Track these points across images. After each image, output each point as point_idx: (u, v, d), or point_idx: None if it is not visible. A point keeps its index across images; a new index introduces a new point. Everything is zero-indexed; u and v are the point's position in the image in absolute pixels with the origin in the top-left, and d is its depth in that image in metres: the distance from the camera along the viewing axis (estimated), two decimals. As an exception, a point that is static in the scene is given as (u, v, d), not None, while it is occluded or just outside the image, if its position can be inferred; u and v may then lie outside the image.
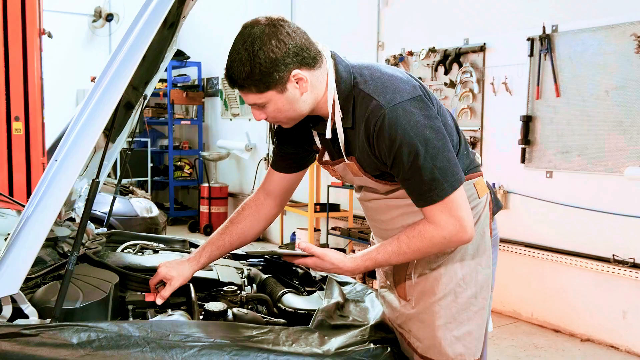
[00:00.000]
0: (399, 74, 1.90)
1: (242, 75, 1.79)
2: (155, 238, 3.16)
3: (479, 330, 2.00)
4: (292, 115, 1.92)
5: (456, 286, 1.98)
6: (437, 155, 1.79)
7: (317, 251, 1.99)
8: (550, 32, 5.05)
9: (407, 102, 1.79)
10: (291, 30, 1.80)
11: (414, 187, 1.86)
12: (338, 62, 1.90)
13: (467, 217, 1.85)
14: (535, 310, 5.41)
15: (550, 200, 5.15)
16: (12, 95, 4.57)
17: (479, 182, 2.04)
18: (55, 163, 1.69)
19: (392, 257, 1.93)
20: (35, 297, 1.89)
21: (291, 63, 1.79)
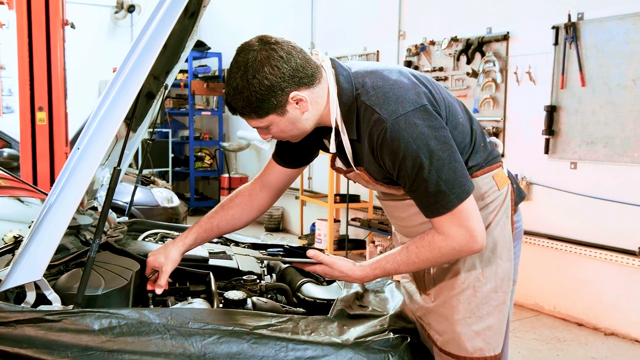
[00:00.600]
0: (404, 79, 1.86)
1: (240, 103, 1.80)
2: (175, 227, 3.19)
3: (500, 325, 1.98)
4: (296, 134, 1.92)
5: (475, 280, 1.95)
6: (443, 167, 1.76)
7: (325, 259, 1.99)
8: (575, 20, 4.97)
9: (409, 114, 1.75)
10: (285, 53, 1.78)
11: (420, 198, 1.83)
12: (339, 73, 1.88)
13: (477, 226, 1.82)
14: (558, 304, 5.36)
15: (575, 192, 5.08)
16: (36, 85, 4.63)
17: (498, 173, 1.99)
18: (78, 152, 1.70)
19: (401, 266, 1.92)
20: (58, 283, 1.91)
21: (288, 86, 1.78)
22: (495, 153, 2.03)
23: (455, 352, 1.97)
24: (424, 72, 6.21)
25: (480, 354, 1.95)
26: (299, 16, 8.45)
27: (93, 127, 1.70)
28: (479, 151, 1.97)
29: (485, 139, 2.03)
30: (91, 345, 1.62)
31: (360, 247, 7.17)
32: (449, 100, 1.94)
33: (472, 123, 2.00)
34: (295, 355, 1.78)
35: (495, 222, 1.95)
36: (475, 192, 1.91)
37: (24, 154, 4.76)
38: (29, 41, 4.60)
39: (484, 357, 1.95)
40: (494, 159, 2.00)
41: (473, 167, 1.94)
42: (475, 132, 1.98)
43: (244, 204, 2.26)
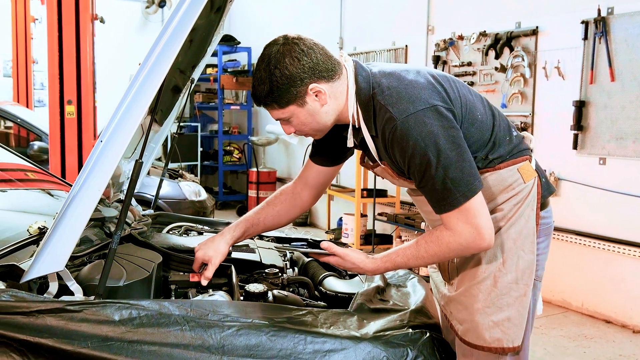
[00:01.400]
0: (420, 79, 1.92)
1: (263, 93, 1.90)
2: (199, 220, 3.21)
3: (519, 317, 1.98)
4: (317, 127, 1.99)
5: (496, 270, 1.97)
6: (450, 165, 1.81)
7: (338, 251, 2.06)
8: (605, 15, 4.90)
9: (420, 113, 1.82)
10: (306, 47, 1.89)
11: (428, 194, 1.90)
12: (359, 73, 1.96)
13: (484, 224, 1.86)
14: (586, 300, 5.30)
15: (603, 188, 5.02)
16: (65, 79, 4.71)
17: (524, 166, 2.01)
18: (101, 144, 1.73)
19: (411, 260, 1.98)
20: (81, 275, 1.94)
21: (307, 77, 1.88)
22: (522, 146, 2.05)
23: (473, 342, 1.99)
24: (452, 67, 6.25)
25: (498, 344, 1.96)
26: (328, 11, 8.44)
27: (116, 120, 1.73)
28: (503, 145, 2.00)
29: (512, 133, 2.05)
30: (111, 336, 1.64)
31: (387, 242, 7.16)
32: (468, 98, 1.99)
33: (494, 118, 2.03)
34: (314, 348, 1.79)
35: (518, 214, 1.97)
36: (499, 184, 1.97)
37: (53, 147, 4.84)
38: (59, 35, 4.69)
39: (501, 348, 1.97)
40: (520, 152, 2.02)
41: (495, 159, 1.98)
42: (498, 127, 2.01)
43: (288, 201, 2.35)
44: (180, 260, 2.38)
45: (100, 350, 1.62)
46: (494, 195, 1.98)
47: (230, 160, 10.33)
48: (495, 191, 1.98)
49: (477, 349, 1.99)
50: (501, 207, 1.98)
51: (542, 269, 2.09)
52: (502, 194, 1.98)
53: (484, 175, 1.96)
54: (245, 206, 9.72)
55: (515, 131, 2.09)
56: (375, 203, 6.93)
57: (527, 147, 2.07)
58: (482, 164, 1.97)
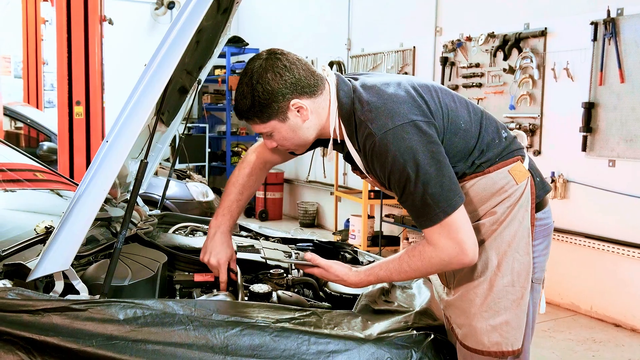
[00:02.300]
0: (401, 92, 1.91)
1: (245, 107, 1.91)
2: (206, 220, 3.22)
3: (517, 320, 1.96)
4: (298, 142, 2.01)
5: (491, 274, 1.96)
6: (429, 181, 1.80)
7: (321, 263, 2.08)
8: (615, 16, 4.89)
9: (398, 128, 1.82)
10: (289, 63, 1.89)
11: (409, 209, 1.90)
12: (340, 88, 1.96)
13: (467, 239, 1.85)
14: (595, 304, 5.27)
15: (613, 190, 5.00)
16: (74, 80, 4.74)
17: (516, 167, 1.98)
18: (107, 144, 1.74)
19: (394, 274, 1.98)
20: (86, 274, 1.95)
21: (289, 93, 1.88)
22: (513, 147, 2.03)
23: (473, 346, 1.98)
24: (460, 68, 6.24)
25: (497, 348, 1.95)
26: (336, 13, 8.45)
27: (121, 121, 1.74)
28: (491, 148, 1.99)
29: (502, 135, 2.04)
30: (115, 335, 1.65)
31: (394, 243, 7.15)
32: (451, 107, 1.98)
33: (481, 124, 2.02)
34: (317, 349, 1.79)
35: (512, 216, 1.95)
36: (490, 187, 1.95)
37: (61, 148, 4.87)
38: (68, 37, 4.73)
39: (501, 352, 1.96)
40: (510, 153, 2.01)
41: (484, 163, 1.97)
42: (485, 132, 2.00)
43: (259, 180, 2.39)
44: (185, 260, 2.39)
45: (105, 349, 1.63)
46: (485, 199, 1.97)
47: (238, 161, 10.34)
48: (487, 195, 1.96)
49: (477, 353, 1.98)
50: (494, 210, 1.96)
51: (540, 271, 2.07)
52: (494, 197, 1.96)
53: (474, 180, 1.96)
54: (253, 207, 9.73)
55: (506, 132, 2.07)
56: (382, 204, 6.93)
57: (519, 147, 2.05)
58: (471, 170, 1.97)
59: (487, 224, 1.95)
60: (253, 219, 9.57)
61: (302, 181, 9.33)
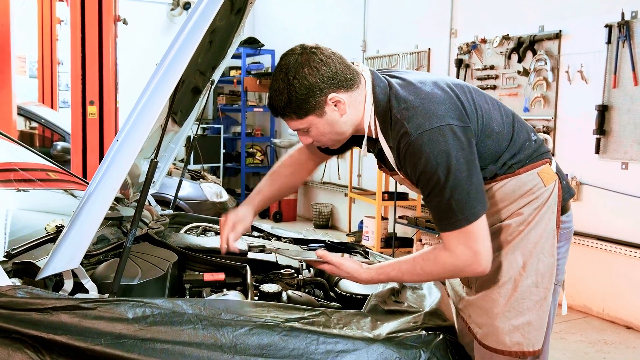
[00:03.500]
0: (438, 91, 1.90)
1: (282, 104, 1.88)
2: (217, 221, 3.22)
3: (539, 321, 1.97)
4: (335, 137, 1.98)
5: (516, 274, 1.96)
6: (457, 187, 1.80)
7: (333, 259, 2.07)
8: (629, 19, 4.86)
9: (435, 130, 1.80)
10: (324, 57, 1.87)
11: (433, 211, 1.89)
12: (376, 84, 1.94)
13: (484, 250, 1.84)
14: (607, 306, 5.25)
15: (626, 193, 4.97)
16: (87, 80, 4.77)
17: (544, 170, 1.99)
18: (117, 143, 1.75)
19: (405, 275, 1.99)
20: (96, 273, 1.97)
21: (326, 87, 1.85)
22: (542, 150, 2.04)
23: (493, 346, 1.99)
24: (475, 70, 6.21)
25: (518, 348, 1.96)
26: (351, 14, 8.45)
27: (132, 120, 1.75)
28: (522, 150, 1.99)
29: (532, 137, 2.04)
30: (124, 334, 1.66)
31: (408, 245, 7.14)
32: (484, 108, 1.97)
33: (514, 126, 2.02)
34: (326, 349, 1.79)
35: (539, 217, 1.96)
36: (519, 188, 1.96)
37: (74, 147, 4.90)
38: (82, 37, 4.75)
39: (522, 352, 1.96)
40: (539, 156, 2.01)
41: (514, 164, 1.97)
42: (517, 135, 2.00)
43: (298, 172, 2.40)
44: (196, 260, 2.39)
45: (114, 347, 1.64)
46: (514, 200, 1.97)
47: (252, 162, 10.37)
48: (516, 196, 1.97)
49: (497, 353, 1.99)
50: (521, 211, 1.97)
51: (562, 274, 2.08)
52: (522, 198, 1.97)
53: (504, 181, 1.97)
54: (267, 208, 9.69)
55: (535, 135, 2.07)
56: (396, 206, 6.91)
57: (547, 150, 2.06)
58: (502, 170, 1.97)
59: (513, 225, 1.96)
60: (267, 220, 9.58)
61: (316, 182, 9.34)
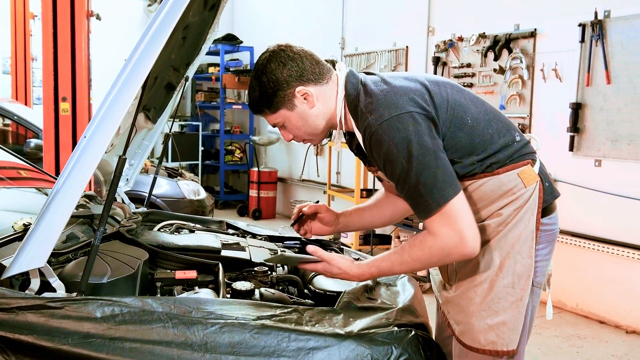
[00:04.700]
0: (405, 84, 1.94)
1: (254, 100, 2.00)
2: (191, 218, 3.21)
3: (514, 322, 1.98)
4: (310, 131, 2.04)
5: (493, 274, 1.97)
6: (422, 171, 1.81)
7: (324, 256, 2.05)
8: (602, 18, 4.92)
9: (394, 119, 1.83)
10: (292, 53, 1.96)
11: (407, 200, 1.91)
12: (349, 80, 2.00)
13: (467, 230, 1.83)
14: (581, 301, 5.32)
15: (599, 190, 5.04)
16: (60, 76, 4.69)
17: (525, 170, 1.98)
18: (84, 139, 1.73)
19: (395, 265, 1.98)
20: (64, 271, 1.94)
21: (293, 81, 1.94)
22: (525, 150, 2.03)
23: (469, 343, 2.01)
24: (452, 68, 6.25)
25: (492, 347, 1.97)
26: (330, 12, 8.45)
27: (99, 116, 1.73)
28: (503, 150, 1.98)
29: (516, 137, 2.04)
30: (92, 333, 1.64)
31: (386, 242, 7.15)
32: (460, 102, 1.98)
33: (495, 121, 2.02)
34: (298, 346, 1.78)
35: (517, 218, 1.95)
36: (498, 189, 1.95)
37: (47, 144, 4.83)
38: (54, 32, 4.67)
39: (495, 351, 1.97)
40: (521, 157, 2.00)
41: (494, 164, 1.96)
42: (496, 132, 2.00)
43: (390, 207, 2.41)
44: (167, 258, 2.37)
45: (81, 347, 1.62)
46: (493, 200, 1.97)
47: (231, 159, 10.33)
48: (495, 196, 1.96)
49: (472, 350, 2.00)
50: (500, 212, 1.96)
51: (542, 276, 2.08)
52: (502, 199, 1.96)
53: (482, 180, 1.96)
54: (247, 206, 9.72)
55: (520, 135, 2.06)
56: (374, 203, 6.91)
57: (531, 151, 2.05)
58: (480, 169, 1.96)
59: (492, 225, 1.96)
60: (246, 217, 9.56)
61: (295, 180, 9.33)
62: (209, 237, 2.73)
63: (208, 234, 2.88)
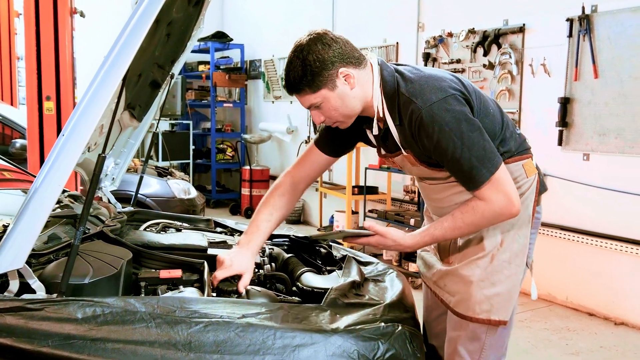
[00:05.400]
0: (438, 72, 2.12)
1: (297, 78, 2.05)
2: (178, 217, 3.19)
3: (508, 295, 2.19)
4: (346, 112, 2.13)
5: (494, 249, 2.19)
6: (473, 145, 1.99)
7: (380, 230, 2.18)
8: (589, 13, 4.94)
9: (441, 101, 1.99)
10: (334, 36, 2.07)
11: (457, 174, 2.08)
12: (383, 68, 2.13)
13: (513, 191, 2.04)
14: (570, 294, 5.36)
15: (587, 183, 5.07)
16: (43, 74, 4.64)
17: (528, 163, 2.22)
18: (62, 138, 1.70)
19: (448, 231, 2.13)
20: (45, 272, 1.91)
21: (337, 62, 2.04)
22: (525, 145, 2.26)
23: (463, 312, 2.21)
24: (442, 64, 6.27)
25: (485, 316, 2.18)
26: (320, 8, 8.44)
27: (77, 114, 1.70)
28: (511, 140, 2.20)
29: (515, 130, 2.26)
30: (73, 334, 1.61)
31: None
32: (480, 93, 2.19)
33: (502, 115, 2.23)
34: (283, 343, 1.77)
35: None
36: None
37: (31, 144, 4.78)
38: (37, 30, 4.61)
39: (488, 320, 2.19)
40: (524, 150, 2.24)
41: (505, 153, 2.17)
42: (505, 123, 2.20)
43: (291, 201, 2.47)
44: (151, 257, 2.35)
45: (62, 349, 1.59)
46: None
47: (223, 158, 10.29)
48: None
49: (466, 319, 2.21)
50: None
51: (530, 258, 2.32)
52: None
53: None
54: (239, 204, 9.68)
55: (519, 130, 2.28)
56: (365, 200, 6.92)
57: (529, 147, 2.27)
58: None
59: None
60: (239, 216, 9.54)
61: (286, 178, 9.29)
62: (196, 236, 2.71)
63: (195, 232, 2.86)
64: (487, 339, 2.23)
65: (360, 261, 2.61)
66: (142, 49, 2.08)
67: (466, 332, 2.24)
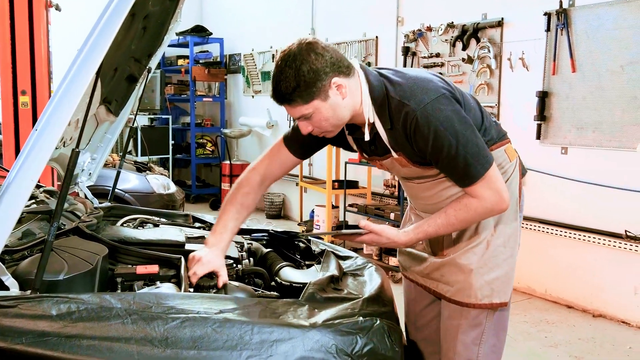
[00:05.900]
0: (421, 73, 2.13)
1: (289, 90, 1.98)
2: (156, 212, 3.17)
3: (506, 276, 2.27)
4: (336, 122, 2.10)
5: (489, 235, 2.25)
6: (468, 143, 2.02)
7: (375, 228, 2.20)
8: (567, 7, 4.96)
9: (434, 102, 2.00)
10: (325, 45, 2.02)
11: (452, 172, 2.10)
12: (368, 73, 2.12)
13: (503, 188, 2.10)
14: (549, 287, 5.40)
15: (565, 177, 5.09)
16: (18, 69, 4.58)
17: (508, 147, 2.28)
18: (35, 132, 1.68)
19: (441, 228, 2.17)
20: (19, 269, 1.88)
21: (330, 72, 2.00)
22: (502, 131, 2.31)
23: (465, 300, 2.25)
24: (421, 58, 6.27)
25: (488, 300, 2.24)
26: (300, 2, 8.41)
27: (50, 108, 1.68)
28: (491, 128, 2.25)
29: (491, 119, 2.30)
30: (48, 331, 1.59)
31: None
32: (461, 90, 2.22)
33: (479, 106, 2.27)
34: (261, 338, 1.76)
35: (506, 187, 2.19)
36: None
37: (6, 139, 4.73)
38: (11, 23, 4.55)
39: (490, 304, 2.25)
40: (503, 136, 2.29)
41: (488, 141, 2.20)
42: (484, 114, 2.25)
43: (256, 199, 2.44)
44: (128, 253, 2.33)
45: (36, 346, 1.57)
46: None
47: (203, 153, 10.24)
48: None
49: (468, 307, 2.26)
50: None
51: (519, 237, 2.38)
52: None
53: None
54: (219, 199, 9.64)
55: (494, 118, 2.35)
56: (345, 194, 6.92)
57: (506, 132, 2.33)
58: None
59: None
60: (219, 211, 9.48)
61: (266, 172, 9.27)
62: (173, 231, 2.70)
63: (173, 227, 2.84)
64: (487, 323, 2.29)
65: (339, 255, 2.61)
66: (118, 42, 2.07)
67: (467, 319, 2.28)
